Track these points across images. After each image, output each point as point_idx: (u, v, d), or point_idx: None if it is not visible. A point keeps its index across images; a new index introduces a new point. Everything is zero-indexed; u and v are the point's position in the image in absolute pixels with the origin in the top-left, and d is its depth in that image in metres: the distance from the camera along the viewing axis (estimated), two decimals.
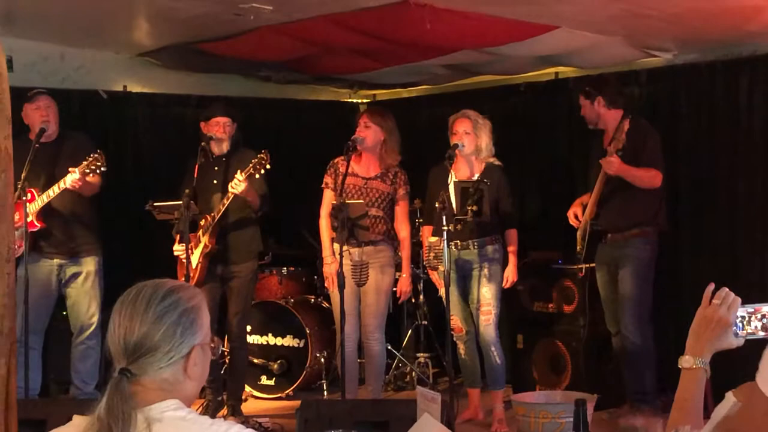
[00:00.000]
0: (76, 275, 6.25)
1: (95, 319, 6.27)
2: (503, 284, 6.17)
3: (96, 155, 5.92)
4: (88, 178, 5.94)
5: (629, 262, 5.99)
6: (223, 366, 6.82)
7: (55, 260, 6.20)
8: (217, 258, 6.23)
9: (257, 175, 5.92)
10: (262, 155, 5.90)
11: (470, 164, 6.18)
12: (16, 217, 5.63)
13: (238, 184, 5.91)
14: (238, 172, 5.92)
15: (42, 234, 6.06)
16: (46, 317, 6.25)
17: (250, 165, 5.90)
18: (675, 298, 6.42)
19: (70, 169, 5.91)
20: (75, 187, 5.92)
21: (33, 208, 6.02)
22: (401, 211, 6.23)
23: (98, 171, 5.92)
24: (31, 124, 6.13)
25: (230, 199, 6.01)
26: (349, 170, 6.09)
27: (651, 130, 6.02)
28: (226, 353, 6.64)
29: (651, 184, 5.91)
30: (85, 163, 5.90)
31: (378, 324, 6.17)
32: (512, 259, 6.18)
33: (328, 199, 6.21)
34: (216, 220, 6.12)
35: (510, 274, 6.17)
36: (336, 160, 6.25)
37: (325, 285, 6.35)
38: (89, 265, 6.28)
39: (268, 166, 5.90)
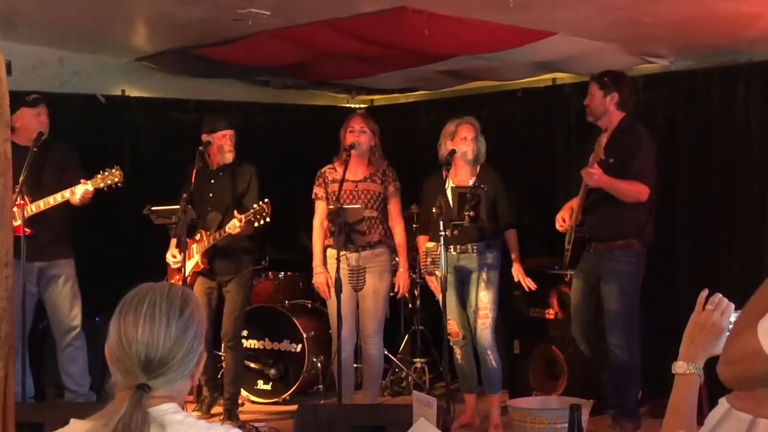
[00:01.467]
0: (55, 278, 6.25)
1: (78, 320, 6.29)
2: (524, 284, 6.23)
3: (113, 170, 5.95)
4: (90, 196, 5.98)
5: (613, 277, 5.86)
6: (220, 368, 6.83)
7: (35, 264, 6.19)
8: (214, 265, 6.30)
9: (256, 224, 6.00)
10: (263, 205, 5.98)
11: (467, 169, 6.20)
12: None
13: (234, 228, 6.02)
14: (242, 217, 5.99)
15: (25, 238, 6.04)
16: (28, 321, 6.24)
17: (251, 212, 6.00)
18: (670, 304, 6.43)
19: (81, 180, 5.93)
20: (85, 199, 5.95)
21: (25, 212, 6.01)
22: (394, 207, 6.23)
23: (114, 186, 5.97)
24: (22, 127, 6.10)
25: (226, 233, 6.10)
26: (337, 176, 6.12)
27: (646, 140, 5.86)
28: (222, 356, 6.65)
29: (636, 198, 5.73)
30: (100, 176, 5.94)
31: (376, 328, 6.19)
32: (517, 265, 6.26)
33: (320, 209, 6.24)
34: (211, 244, 6.21)
35: (519, 276, 6.24)
36: (324, 170, 6.28)
37: (322, 293, 6.36)
38: (67, 268, 6.29)
39: (268, 219, 5.97)
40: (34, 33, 6.58)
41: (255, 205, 6.01)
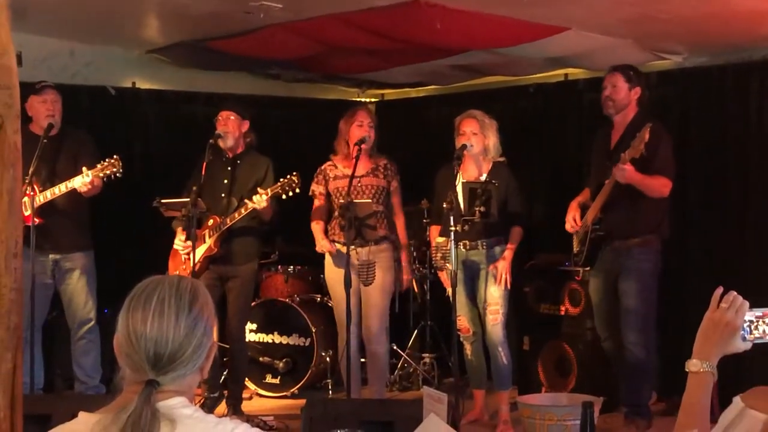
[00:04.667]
0: (70, 271, 6.25)
1: (93, 313, 6.31)
2: (497, 280, 6.06)
3: (113, 160, 5.93)
4: (96, 182, 5.95)
5: (631, 274, 5.84)
6: (226, 361, 6.81)
7: (50, 256, 6.19)
8: (219, 259, 6.25)
9: (284, 196, 5.94)
10: (293, 177, 5.92)
11: (478, 164, 6.16)
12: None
13: (260, 201, 5.93)
14: (268, 191, 5.92)
15: (38, 229, 6.01)
16: (44, 313, 6.26)
17: (279, 184, 5.94)
18: (683, 302, 6.40)
19: (83, 169, 5.91)
20: (83, 191, 5.93)
21: (35, 203, 6.01)
22: (397, 202, 6.22)
23: (113, 176, 5.94)
24: (34, 116, 6.14)
25: (248, 210, 6.02)
26: (339, 173, 6.11)
27: (665, 135, 5.82)
28: (226, 349, 6.64)
29: (660, 194, 5.75)
30: (99, 166, 5.92)
31: (380, 325, 6.16)
32: (508, 253, 6.07)
33: (318, 208, 6.25)
34: (227, 226, 6.14)
35: (501, 268, 6.02)
36: (323, 167, 6.25)
37: (317, 249, 6.28)
38: (84, 260, 6.29)
39: (297, 190, 5.93)
40: (45, 24, 6.57)
41: (282, 179, 5.96)
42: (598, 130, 6.27)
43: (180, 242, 6.19)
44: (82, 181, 5.91)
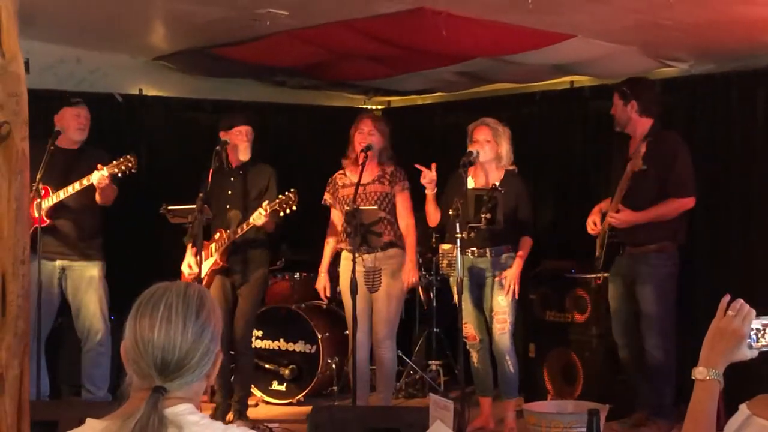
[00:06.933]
0: (79, 280, 6.25)
1: (102, 324, 6.27)
2: (505, 290, 6.02)
3: (128, 156, 5.95)
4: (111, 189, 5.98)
5: (648, 278, 5.90)
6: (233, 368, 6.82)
7: (57, 262, 6.19)
8: (229, 269, 6.29)
9: (281, 213, 5.97)
10: (290, 194, 5.97)
11: (488, 172, 6.14)
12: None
13: (259, 217, 5.98)
14: (265, 203, 5.98)
15: (47, 233, 6.02)
16: (50, 320, 6.24)
17: (276, 201, 5.98)
18: (690, 310, 6.39)
19: (98, 166, 5.93)
20: (100, 186, 5.94)
21: (46, 203, 6.03)
22: (402, 205, 6.19)
23: (128, 172, 5.96)
24: (63, 127, 6.16)
25: (249, 226, 6.07)
26: (348, 181, 6.15)
27: (681, 148, 5.87)
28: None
29: (677, 213, 5.85)
30: (115, 162, 5.94)
31: (389, 331, 6.16)
32: (517, 262, 6.04)
33: (333, 216, 6.27)
34: (231, 240, 6.17)
35: (510, 278, 6.00)
36: (334, 176, 6.28)
37: (321, 296, 6.44)
38: (93, 269, 6.29)
39: (294, 208, 5.96)
40: (52, 31, 6.59)
41: (281, 195, 5.99)
42: (615, 140, 6.26)
43: (186, 267, 6.23)
44: (100, 175, 5.92)
